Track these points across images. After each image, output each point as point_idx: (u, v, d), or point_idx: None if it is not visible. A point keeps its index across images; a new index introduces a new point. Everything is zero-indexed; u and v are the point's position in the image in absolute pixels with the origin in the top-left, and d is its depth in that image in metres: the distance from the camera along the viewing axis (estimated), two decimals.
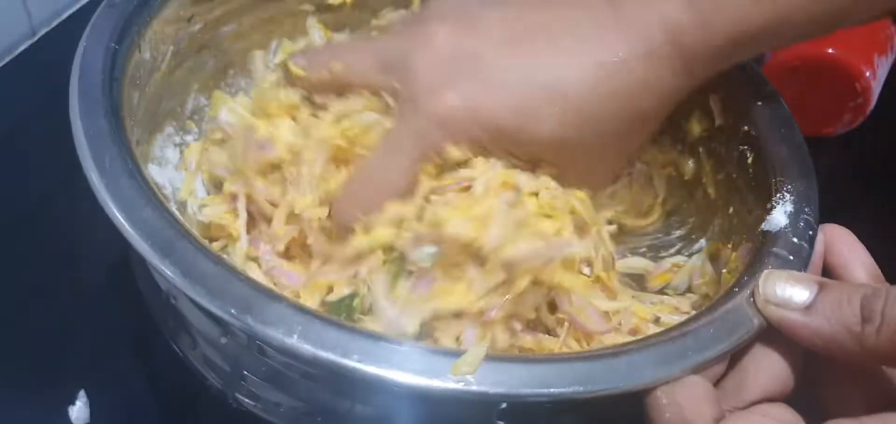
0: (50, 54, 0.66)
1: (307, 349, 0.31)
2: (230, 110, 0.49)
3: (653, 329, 0.44)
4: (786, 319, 0.34)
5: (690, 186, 0.55)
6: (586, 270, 0.45)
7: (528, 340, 0.42)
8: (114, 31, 0.43)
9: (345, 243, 0.42)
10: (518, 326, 0.42)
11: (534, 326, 0.44)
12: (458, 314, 0.40)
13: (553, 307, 0.44)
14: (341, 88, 0.46)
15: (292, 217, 0.45)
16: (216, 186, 0.50)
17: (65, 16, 0.69)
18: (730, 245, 0.48)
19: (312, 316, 0.32)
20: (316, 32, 0.56)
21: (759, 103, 0.49)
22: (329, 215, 0.44)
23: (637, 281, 0.52)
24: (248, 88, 0.57)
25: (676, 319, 0.44)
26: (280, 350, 0.32)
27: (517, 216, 0.41)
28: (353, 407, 0.37)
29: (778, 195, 0.43)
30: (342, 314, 0.41)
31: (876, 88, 0.68)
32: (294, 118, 0.48)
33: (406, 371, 0.31)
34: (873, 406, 0.33)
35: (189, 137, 0.53)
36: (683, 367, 0.34)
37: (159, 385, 0.48)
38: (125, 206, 0.35)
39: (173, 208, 0.43)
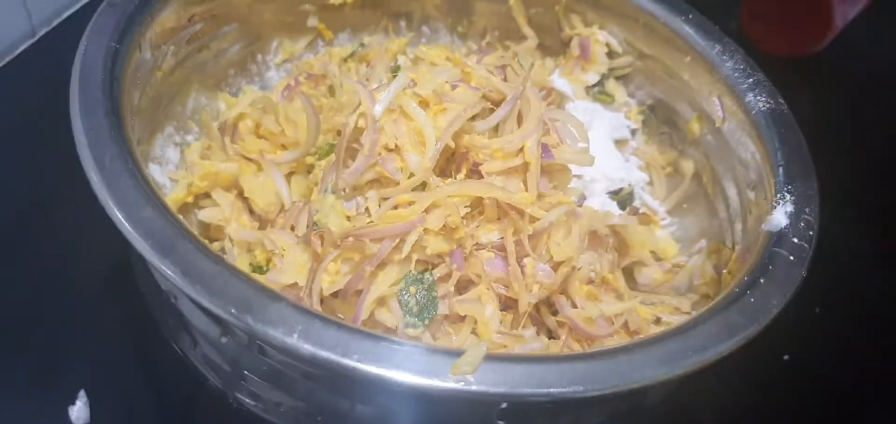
0: (50, 54, 0.66)
1: (307, 348, 0.31)
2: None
3: (654, 330, 0.44)
4: None
5: (691, 186, 0.55)
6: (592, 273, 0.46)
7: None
8: (114, 30, 0.43)
9: None
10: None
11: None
12: None
13: (554, 310, 0.44)
14: None
15: None
16: None
17: (65, 16, 0.70)
18: (730, 245, 0.48)
19: (312, 316, 0.32)
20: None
21: (760, 104, 0.49)
22: None
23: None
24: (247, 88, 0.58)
25: (677, 319, 0.44)
26: (280, 350, 0.32)
27: None
28: (353, 407, 0.37)
29: (778, 195, 0.43)
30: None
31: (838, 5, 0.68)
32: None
33: (406, 370, 0.31)
34: None
35: (189, 137, 0.53)
36: (683, 367, 0.34)
37: (159, 385, 0.47)
38: (125, 206, 0.35)
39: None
